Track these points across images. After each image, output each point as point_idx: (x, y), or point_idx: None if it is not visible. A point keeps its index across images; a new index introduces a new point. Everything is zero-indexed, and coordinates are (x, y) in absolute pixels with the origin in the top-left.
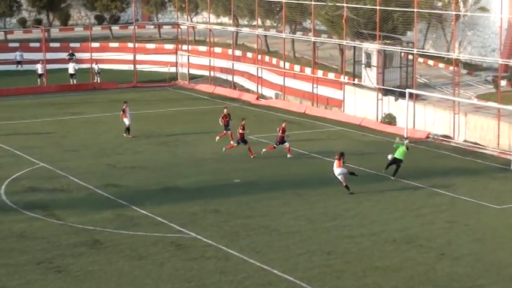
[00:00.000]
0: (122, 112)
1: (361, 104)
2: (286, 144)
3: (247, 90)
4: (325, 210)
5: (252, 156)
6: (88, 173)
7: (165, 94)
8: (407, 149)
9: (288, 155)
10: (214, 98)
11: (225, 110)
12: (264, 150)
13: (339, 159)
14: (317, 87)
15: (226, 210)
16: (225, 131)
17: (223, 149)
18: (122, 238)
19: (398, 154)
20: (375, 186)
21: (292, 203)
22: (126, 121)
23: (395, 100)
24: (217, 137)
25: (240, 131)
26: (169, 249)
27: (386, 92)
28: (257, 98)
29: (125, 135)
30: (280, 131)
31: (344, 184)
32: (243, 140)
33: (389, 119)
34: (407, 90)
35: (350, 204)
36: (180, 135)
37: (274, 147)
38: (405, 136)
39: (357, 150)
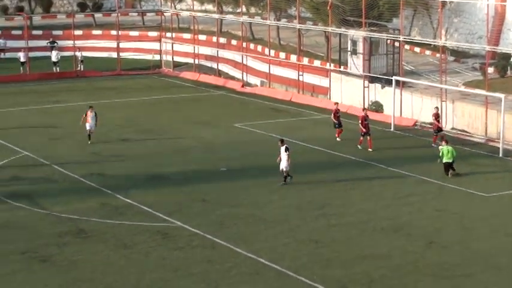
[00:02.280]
0: (84, 115)
1: (348, 92)
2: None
3: (233, 78)
4: (313, 199)
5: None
6: (72, 161)
7: (149, 82)
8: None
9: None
10: (199, 85)
11: (335, 106)
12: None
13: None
14: (303, 74)
15: (212, 199)
16: (338, 128)
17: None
18: (107, 227)
19: (446, 158)
20: (362, 174)
21: (279, 192)
22: (87, 126)
23: (382, 88)
24: (337, 138)
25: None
26: (156, 238)
27: (372, 80)
28: (242, 86)
29: (89, 142)
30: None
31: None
32: (438, 130)
33: (376, 107)
34: (394, 78)
35: (337, 192)
36: (165, 124)
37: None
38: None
39: (343, 137)
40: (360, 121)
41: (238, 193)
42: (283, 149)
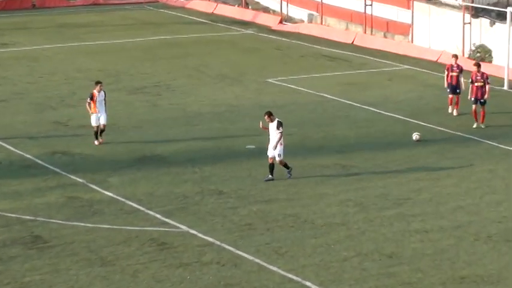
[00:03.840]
0: (89, 99)
1: (439, 31)
2: None
3: (266, 10)
4: (385, 191)
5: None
6: (24, 135)
7: (140, 16)
8: None
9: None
10: (216, 21)
11: (453, 60)
12: None
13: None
14: (371, 4)
15: (234, 191)
16: (451, 94)
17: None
18: (76, 233)
19: None
20: (461, 154)
21: (334, 181)
22: (95, 118)
23: (491, 25)
24: (454, 110)
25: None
26: (148, 250)
27: (477, 13)
28: (281, 22)
29: (96, 142)
30: None
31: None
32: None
33: (482, 54)
34: (510, 10)
35: (422, 182)
36: (164, 78)
37: None
38: None
39: (433, 101)
40: (471, 80)
41: (273, 183)
42: (273, 126)
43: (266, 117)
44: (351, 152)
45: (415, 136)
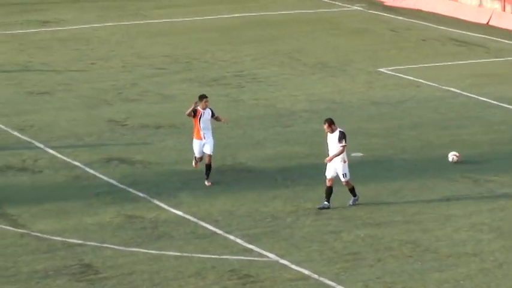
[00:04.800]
0: (191, 111)
1: None
2: None
3: None
4: None
5: None
6: (72, 137)
7: None
8: None
9: None
10: None
11: None
12: None
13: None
14: None
15: (336, 212)
16: None
17: None
18: (136, 262)
19: None
20: None
21: (462, 199)
22: (197, 146)
23: None
24: None
25: None
26: (228, 284)
27: None
28: None
29: (206, 183)
30: None
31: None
32: None
33: None
34: None
35: None
36: (248, 67)
37: None
38: None
39: None
40: None
41: (386, 200)
42: (333, 137)
43: (326, 126)
44: (485, 162)
45: (452, 157)
